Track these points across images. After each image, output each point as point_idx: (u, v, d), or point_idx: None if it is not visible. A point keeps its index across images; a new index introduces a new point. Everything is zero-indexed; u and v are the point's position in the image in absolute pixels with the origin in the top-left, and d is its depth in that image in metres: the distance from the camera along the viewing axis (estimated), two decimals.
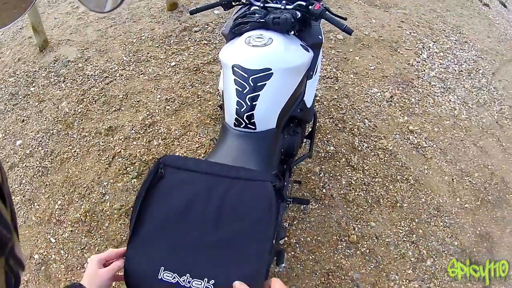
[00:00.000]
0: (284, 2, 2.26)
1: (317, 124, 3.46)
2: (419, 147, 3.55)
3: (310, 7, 2.17)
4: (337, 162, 3.31)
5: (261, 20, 2.14)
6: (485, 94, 4.31)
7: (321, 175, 3.22)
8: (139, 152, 3.43)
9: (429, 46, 4.59)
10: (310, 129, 2.91)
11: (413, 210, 3.14)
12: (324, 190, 3.14)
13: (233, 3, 2.40)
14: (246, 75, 1.93)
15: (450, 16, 5.28)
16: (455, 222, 3.17)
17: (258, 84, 1.91)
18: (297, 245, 2.88)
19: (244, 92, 1.92)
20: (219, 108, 3.60)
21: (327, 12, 2.16)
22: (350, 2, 5.14)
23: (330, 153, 3.36)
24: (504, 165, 3.75)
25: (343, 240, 2.93)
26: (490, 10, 5.91)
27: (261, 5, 2.29)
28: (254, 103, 1.91)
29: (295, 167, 3.16)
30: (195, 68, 4.15)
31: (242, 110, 1.93)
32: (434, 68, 4.34)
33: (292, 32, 2.29)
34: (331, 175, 3.23)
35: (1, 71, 4.72)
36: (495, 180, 3.58)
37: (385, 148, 3.46)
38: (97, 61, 4.41)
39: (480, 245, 3.12)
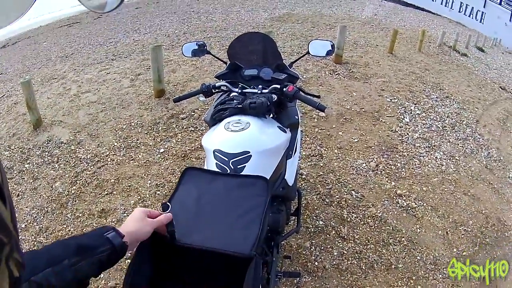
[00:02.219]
0: (260, 87, 2.45)
1: (305, 202, 3.63)
2: (409, 208, 3.68)
3: (284, 89, 2.33)
4: (327, 235, 3.41)
5: (238, 106, 2.29)
6: (471, 143, 4.47)
7: (311, 249, 3.31)
8: None
9: (411, 109, 4.81)
10: (296, 206, 3.02)
11: (409, 269, 3.21)
12: (316, 263, 3.21)
13: (213, 91, 2.55)
14: (226, 159, 2.06)
15: (429, 75, 5.53)
16: None
17: (238, 167, 2.03)
18: None
19: None
20: None
21: (300, 92, 2.33)
22: (331, 78, 5.41)
23: (319, 227, 3.47)
24: (499, 205, 3.86)
25: None
26: (468, 59, 6.19)
27: (239, 91, 2.46)
28: None
29: (284, 242, 3.29)
30: (183, 155, 4.32)
31: None
32: (417, 130, 4.54)
33: (270, 115, 2.44)
34: (322, 248, 3.32)
35: None
36: (491, 222, 3.69)
37: (374, 215, 3.58)
38: (89, 145, 4.61)
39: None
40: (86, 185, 4.05)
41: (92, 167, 4.28)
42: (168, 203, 1.41)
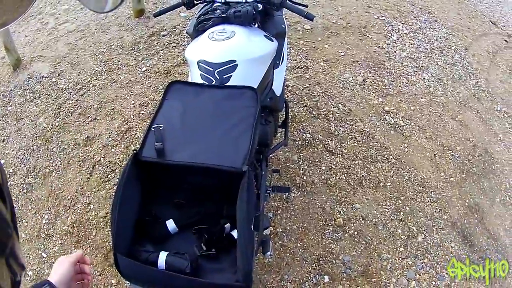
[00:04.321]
0: None
1: (291, 114, 3.45)
2: (397, 126, 3.52)
3: None
4: (315, 149, 3.26)
5: (222, 15, 2.15)
6: (460, 69, 4.30)
7: (300, 162, 3.18)
8: (118, 158, 3.39)
9: (398, 28, 4.58)
10: (283, 118, 2.90)
11: (397, 188, 3.10)
12: (304, 177, 3.09)
13: (195, 2, 2.39)
14: (211, 69, 1.93)
15: None
16: (442, 196, 3.14)
17: (224, 77, 1.92)
18: (284, 234, 2.83)
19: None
20: None
21: (287, 1, 2.18)
22: None
23: (307, 141, 3.31)
24: (486, 136, 3.75)
25: (329, 224, 2.88)
26: None
27: (223, 0, 2.29)
28: None
29: (272, 156, 3.15)
30: (166, 71, 4.12)
31: None
32: (405, 49, 4.32)
33: (256, 24, 2.30)
34: (310, 162, 3.18)
35: None
36: (478, 151, 3.57)
37: (362, 130, 3.42)
38: (70, 74, 4.39)
39: (471, 217, 3.11)
40: (70, 115, 3.93)
41: (74, 96, 4.12)
42: None
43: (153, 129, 1.54)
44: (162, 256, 1.27)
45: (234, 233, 1.47)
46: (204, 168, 1.40)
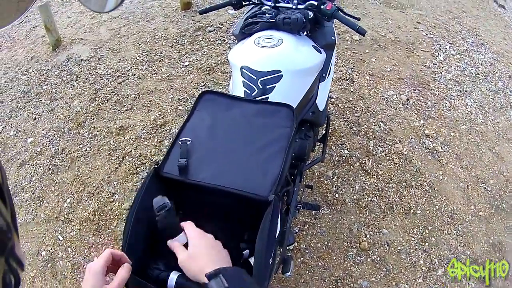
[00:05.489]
0: (295, 1, 2.21)
1: (331, 127, 3.40)
2: (435, 152, 3.48)
3: (322, 6, 2.11)
4: (351, 167, 3.24)
5: (271, 20, 2.10)
6: (502, 97, 4.23)
7: (334, 179, 3.16)
8: (150, 152, 3.40)
9: (446, 48, 4.51)
10: (323, 132, 2.84)
11: (426, 217, 3.07)
12: (336, 195, 3.08)
13: (244, 3, 2.35)
14: (254, 77, 1.88)
15: (466, 18, 5.20)
16: (468, 230, 3.11)
17: (267, 87, 1.86)
18: (307, 251, 2.82)
19: (253, 94, 1.87)
20: None
21: (339, 12, 2.11)
22: (366, 3, 5.08)
23: (344, 157, 3.29)
24: None
25: (354, 246, 2.87)
26: (505, 12, 5.83)
27: (272, 4, 2.24)
28: None
29: (307, 171, 3.11)
30: (209, 68, 4.09)
31: None
32: (450, 71, 4.26)
33: (304, 33, 2.25)
34: (344, 179, 3.17)
35: (14, 69, 4.72)
36: (510, 187, 3.51)
37: (400, 152, 3.38)
38: (110, 60, 4.38)
39: (493, 255, 3.06)
40: (105, 101, 3.92)
41: (112, 82, 4.10)
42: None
43: (180, 142, 1.49)
44: (173, 276, 1.19)
45: (252, 260, 1.38)
46: (227, 192, 1.33)
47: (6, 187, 0.51)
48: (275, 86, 1.86)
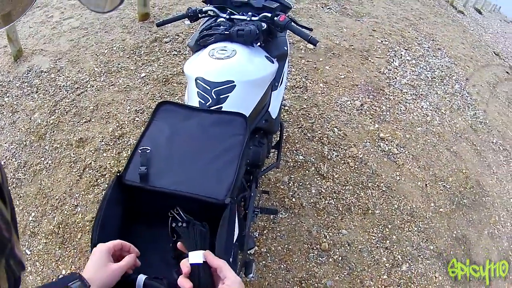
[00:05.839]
0: (249, 13, 2.25)
1: (286, 134, 3.44)
2: (390, 154, 3.53)
3: (275, 18, 2.15)
4: (307, 171, 3.26)
5: (225, 32, 2.12)
6: (459, 99, 4.32)
7: (290, 184, 3.18)
8: (109, 164, 3.39)
9: (401, 54, 4.61)
10: (277, 139, 2.88)
11: (385, 216, 3.10)
12: (293, 199, 3.09)
13: (200, 15, 2.38)
14: (209, 88, 1.90)
15: (423, 24, 5.33)
16: (430, 226, 3.15)
17: (221, 97, 1.89)
18: (268, 255, 2.83)
19: (207, 104, 1.88)
20: None
21: (292, 23, 2.15)
22: (322, 12, 5.16)
23: (299, 163, 3.31)
24: (479, 168, 3.76)
25: (314, 248, 2.88)
26: (464, 17, 5.99)
27: (227, 17, 2.28)
28: None
29: (263, 177, 3.14)
30: (165, 79, 4.12)
31: None
32: (405, 76, 4.34)
33: (258, 44, 2.27)
34: (300, 184, 3.18)
35: None
36: (470, 183, 3.58)
37: (355, 156, 3.42)
38: (69, 71, 4.40)
39: (457, 248, 3.11)
40: (65, 113, 3.92)
41: (71, 94, 4.11)
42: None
43: (140, 151, 1.53)
44: (140, 279, 1.22)
45: None
46: (186, 197, 1.38)
47: (6, 187, 0.51)
48: (228, 96, 1.89)
